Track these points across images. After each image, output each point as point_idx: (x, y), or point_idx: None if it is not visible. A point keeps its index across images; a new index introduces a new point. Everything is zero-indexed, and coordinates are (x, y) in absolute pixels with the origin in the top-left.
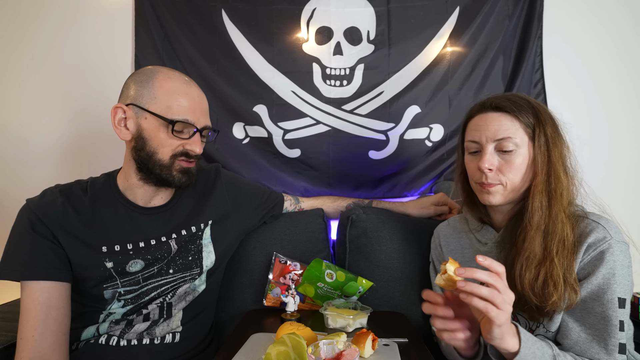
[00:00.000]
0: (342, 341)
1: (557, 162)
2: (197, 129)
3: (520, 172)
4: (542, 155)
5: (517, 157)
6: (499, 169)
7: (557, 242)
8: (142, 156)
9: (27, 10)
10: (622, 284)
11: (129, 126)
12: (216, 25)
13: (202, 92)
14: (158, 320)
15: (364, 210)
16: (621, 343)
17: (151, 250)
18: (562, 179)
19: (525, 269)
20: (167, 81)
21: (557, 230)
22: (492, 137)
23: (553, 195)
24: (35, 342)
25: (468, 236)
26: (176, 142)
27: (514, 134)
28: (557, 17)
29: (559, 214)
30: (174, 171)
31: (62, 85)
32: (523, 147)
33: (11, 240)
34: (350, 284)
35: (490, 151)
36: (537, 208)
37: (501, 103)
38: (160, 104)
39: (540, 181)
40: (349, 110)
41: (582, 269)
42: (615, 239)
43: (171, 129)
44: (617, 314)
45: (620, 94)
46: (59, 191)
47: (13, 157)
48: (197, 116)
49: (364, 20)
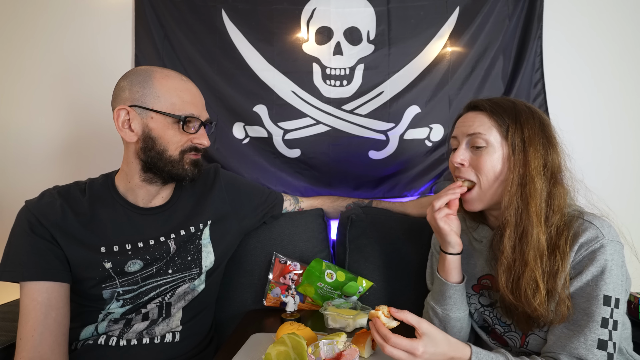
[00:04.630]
0: (342, 341)
1: (534, 164)
2: (202, 122)
3: (493, 171)
4: (517, 156)
5: (488, 155)
6: (472, 165)
7: (531, 247)
8: (152, 156)
9: (27, 10)
10: (612, 283)
11: (134, 127)
12: (216, 25)
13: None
14: (157, 320)
15: (364, 210)
16: (601, 339)
17: (150, 251)
18: (536, 183)
19: (502, 272)
20: (166, 79)
21: (531, 235)
22: (465, 132)
23: (527, 198)
24: (35, 342)
25: (466, 234)
26: (184, 138)
27: (486, 130)
28: (557, 17)
29: (532, 217)
30: (185, 164)
31: (61, 85)
32: (496, 145)
33: (10, 242)
34: (350, 284)
35: (463, 146)
36: (508, 207)
37: (480, 103)
38: (165, 102)
39: (514, 181)
40: (349, 110)
41: (574, 268)
42: (608, 239)
43: (182, 125)
44: (601, 310)
45: (620, 93)
46: (58, 193)
47: (12, 157)
48: (200, 110)
49: (364, 20)
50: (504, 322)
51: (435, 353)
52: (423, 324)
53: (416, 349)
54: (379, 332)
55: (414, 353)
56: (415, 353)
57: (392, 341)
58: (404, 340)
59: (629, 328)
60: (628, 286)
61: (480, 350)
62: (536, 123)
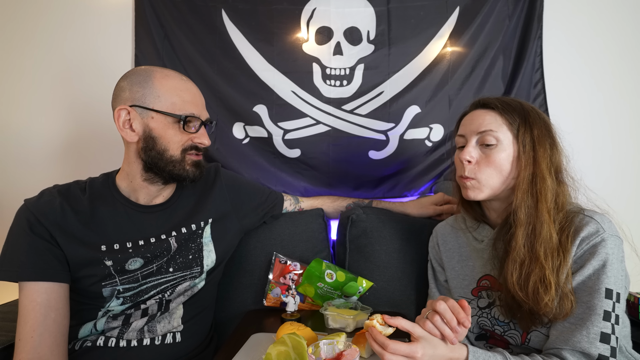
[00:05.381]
0: (342, 341)
1: (543, 163)
2: (202, 121)
3: (501, 169)
4: (527, 155)
5: (499, 153)
6: (479, 162)
7: (542, 244)
8: (152, 156)
9: (27, 10)
10: (613, 276)
11: (135, 127)
12: (216, 25)
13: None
14: (156, 315)
15: (364, 210)
16: (604, 332)
17: (150, 248)
18: (547, 181)
19: (513, 269)
20: (166, 79)
21: (542, 232)
22: (475, 130)
23: (538, 196)
24: (34, 343)
25: (465, 234)
26: (185, 137)
27: (497, 128)
28: (557, 17)
29: (543, 215)
30: (187, 165)
31: (61, 85)
32: (506, 143)
33: (9, 241)
34: (350, 284)
35: (472, 144)
36: (520, 206)
37: (489, 101)
38: (165, 102)
39: (524, 180)
40: (349, 110)
41: (575, 262)
42: (608, 233)
43: (182, 125)
44: (603, 303)
45: (620, 93)
46: (57, 191)
47: (12, 157)
48: (200, 109)
49: (364, 20)
50: (503, 321)
51: (435, 355)
52: (417, 328)
53: (415, 353)
54: (376, 341)
55: (413, 357)
56: (415, 356)
57: (390, 348)
58: (402, 346)
59: (628, 326)
60: (627, 284)
61: (477, 349)
62: (542, 124)
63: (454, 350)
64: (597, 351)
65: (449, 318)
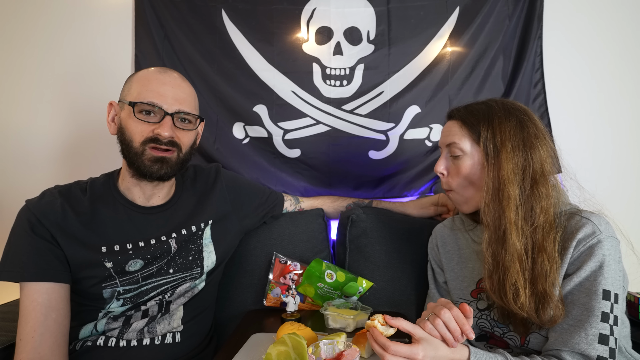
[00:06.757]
0: (343, 341)
1: (506, 168)
2: (167, 112)
3: (471, 179)
4: (491, 161)
5: (464, 162)
6: (451, 174)
7: (508, 251)
8: (123, 148)
9: (27, 10)
10: (610, 278)
11: (116, 120)
12: (216, 25)
13: (185, 82)
14: (156, 316)
15: (364, 210)
16: (602, 334)
17: (151, 250)
18: (509, 187)
19: (487, 276)
20: (144, 72)
21: (506, 238)
22: (444, 142)
23: (502, 202)
24: (35, 344)
25: (464, 235)
26: (146, 128)
27: (460, 139)
28: (557, 17)
29: (507, 221)
30: (145, 159)
31: (62, 85)
32: (471, 152)
33: (10, 241)
34: (351, 284)
35: (444, 156)
36: (485, 212)
37: (453, 112)
38: (133, 92)
39: (487, 187)
40: (349, 110)
41: (572, 264)
42: (605, 234)
43: (133, 112)
44: (600, 304)
45: (620, 93)
46: (58, 192)
47: (13, 157)
48: (168, 100)
49: (364, 20)
50: (502, 323)
51: (436, 357)
52: (418, 330)
53: (416, 354)
54: (377, 342)
55: (414, 358)
56: (416, 358)
57: (391, 349)
58: (403, 347)
59: (627, 326)
60: (625, 283)
61: (479, 350)
62: (512, 124)
63: (455, 351)
64: (596, 352)
65: (453, 328)
